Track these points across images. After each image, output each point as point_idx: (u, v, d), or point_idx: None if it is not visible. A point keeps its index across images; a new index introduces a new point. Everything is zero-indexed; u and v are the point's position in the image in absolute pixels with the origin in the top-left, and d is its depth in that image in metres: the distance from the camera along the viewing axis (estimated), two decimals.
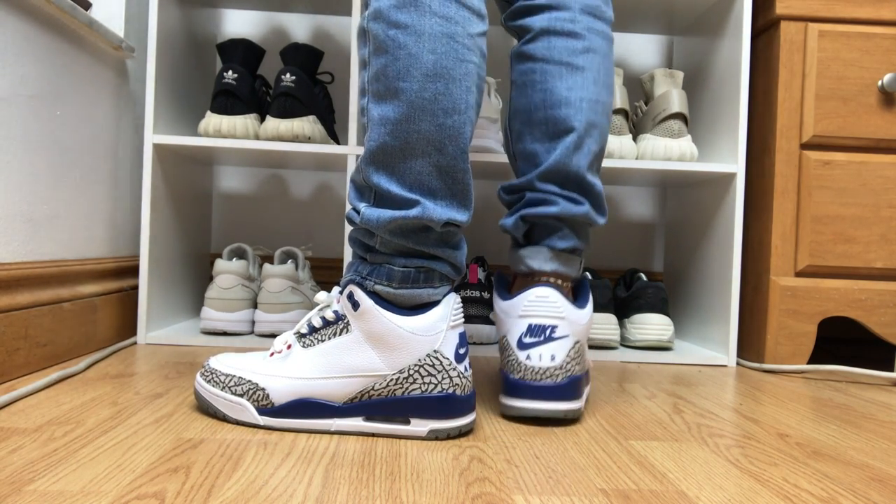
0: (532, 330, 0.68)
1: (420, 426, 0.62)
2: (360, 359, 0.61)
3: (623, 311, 1.18)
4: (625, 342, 1.17)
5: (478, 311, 1.12)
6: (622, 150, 1.10)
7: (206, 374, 0.67)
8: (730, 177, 1.12)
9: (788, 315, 1.07)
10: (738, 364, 1.11)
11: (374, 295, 0.62)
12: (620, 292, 1.23)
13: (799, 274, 1.08)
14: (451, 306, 0.63)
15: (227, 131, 1.08)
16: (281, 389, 0.63)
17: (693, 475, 0.55)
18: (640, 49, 1.47)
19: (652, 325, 1.12)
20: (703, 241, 1.22)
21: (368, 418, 0.62)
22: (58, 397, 0.71)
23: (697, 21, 1.30)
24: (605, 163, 1.09)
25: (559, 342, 0.67)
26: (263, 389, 0.63)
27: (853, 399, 0.88)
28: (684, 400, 0.82)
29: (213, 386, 0.65)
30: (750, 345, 1.13)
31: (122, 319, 1.06)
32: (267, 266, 1.12)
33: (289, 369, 0.63)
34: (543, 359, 0.67)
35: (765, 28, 1.13)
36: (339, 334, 0.62)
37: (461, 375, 0.63)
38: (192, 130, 1.25)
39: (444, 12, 0.60)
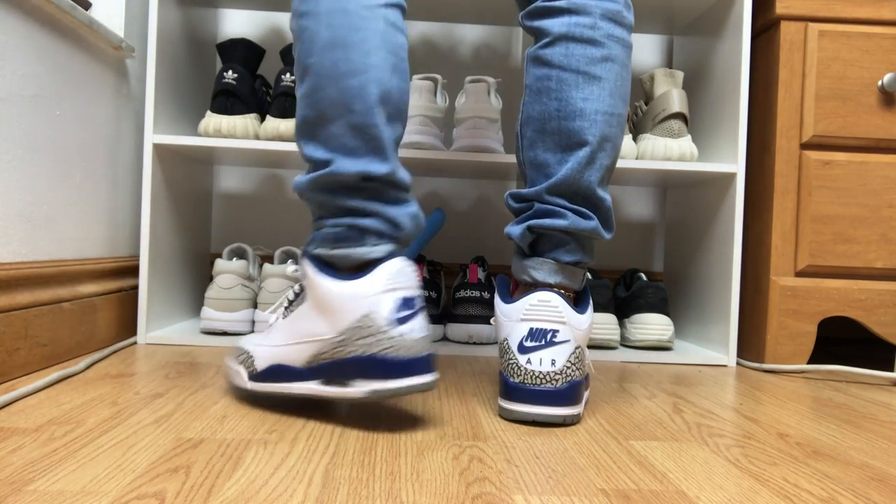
0: (533, 334, 0.68)
1: (361, 387, 0.63)
2: (311, 324, 0.66)
3: (623, 311, 1.18)
4: (625, 342, 1.17)
5: (478, 311, 1.13)
6: (622, 150, 1.10)
7: (236, 349, 0.75)
8: (730, 177, 1.12)
9: (788, 315, 1.07)
10: (738, 364, 1.11)
11: (315, 260, 0.67)
12: (620, 292, 1.23)
13: (799, 274, 1.08)
14: (388, 270, 0.63)
15: (227, 131, 1.08)
16: (262, 356, 0.69)
17: (693, 475, 0.55)
18: (640, 49, 1.47)
19: (652, 325, 1.12)
20: (703, 241, 1.22)
21: (326, 382, 0.65)
22: (58, 397, 0.71)
23: (697, 21, 1.30)
24: None
25: (560, 347, 0.67)
26: (252, 357, 0.71)
27: (853, 399, 0.88)
28: (684, 400, 0.82)
29: (231, 360, 0.75)
30: (750, 345, 1.13)
31: (122, 319, 1.06)
32: (267, 266, 1.12)
33: (269, 338, 0.70)
34: (544, 363, 0.67)
35: (765, 28, 1.13)
36: (301, 303, 0.68)
37: (399, 337, 0.63)
38: (192, 130, 1.25)
39: None
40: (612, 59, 0.70)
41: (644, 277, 1.21)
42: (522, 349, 0.68)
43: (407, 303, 0.64)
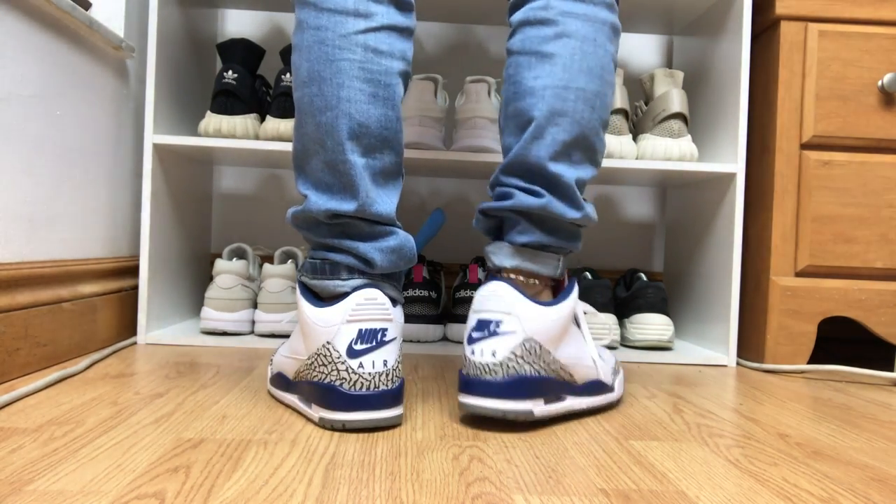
0: (479, 325, 0.66)
1: (316, 412, 0.65)
2: (297, 343, 0.69)
3: (623, 311, 1.18)
4: (625, 342, 1.17)
5: None
6: (622, 150, 1.10)
7: None
8: (730, 177, 1.12)
9: (788, 315, 1.07)
10: (738, 364, 1.11)
11: (301, 284, 0.70)
12: (620, 292, 1.23)
13: (799, 274, 1.08)
14: (354, 301, 0.64)
15: (227, 131, 1.08)
16: (275, 362, 0.75)
17: (693, 475, 0.55)
18: (640, 49, 1.47)
19: (652, 325, 1.12)
20: (703, 241, 1.22)
21: (301, 398, 0.69)
22: (58, 397, 0.71)
23: (697, 21, 1.30)
24: (606, 163, 1.09)
25: (502, 338, 0.65)
26: (272, 361, 0.77)
27: (853, 399, 0.88)
28: (684, 400, 0.82)
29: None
30: (750, 345, 1.13)
31: (122, 319, 1.06)
32: (267, 266, 1.12)
33: (281, 348, 0.75)
34: (485, 354, 0.65)
35: (765, 28, 1.13)
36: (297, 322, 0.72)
37: (350, 370, 0.63)
38: (192, 130, 1.25)
39: (316, 23, 0.65)
40: (568, 34, 0.69)
41: (644, 277, 1.21)
42: (470, 340, 0.67)
43: (367, 335, 0.64)
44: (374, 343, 0.64)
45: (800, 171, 1.08)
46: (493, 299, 0.66)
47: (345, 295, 0.65)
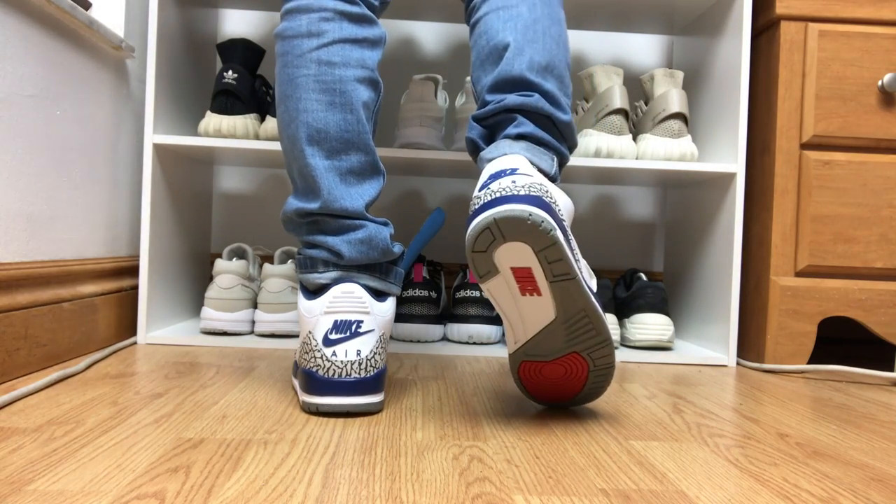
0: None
1: (300, 395, 0.71)
2: (301, 332, 0.74)
3: (623, 311, 1.18)
4: (625, 342, 1.17)
5: (478, 312, 1.13)
6: (622, 150, 1.10)
7: None
8: (730, 177, 1.12)
9: (788, 315, 1.07)
10: (738, 364, 1.11)
11: (300, 280, 0.75)
12: (620, 292, 1.23)
13: (799, 274, 1.08)
14: (332, 294, 0.69)
15: (227, 131, 1.08)
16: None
17: (693, 475, 0.55)
18: (640, 49, 1.47)
19: (652, 325, 1.12)
20: (703, 241, 1.22)
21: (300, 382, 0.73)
22: (58, 397, 0.71)
23: (697, 21, 1.30)
24: (606, 163, 1.09)
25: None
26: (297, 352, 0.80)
27: (853, 399, 0.88)
28: (684, 400, 0.82)
29: None
30: (750, 345, 1.13)
31: (122, 319, 1.06)
32: (267, 266, 1.12)
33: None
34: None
35: (765, 28, 1.14)
36: None
37: (325, 358, 0.68)
38: (192, 130, 1.25)
39: (281, 51, 0.74)
40: (518, 2, 0.75)
41: (644, 277, 1.21)
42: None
43: (342, 326, 0.68)
44: (348, 333, 0.68)
45: (800, 171, 1.08)
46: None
47: (326, 287, 0.70)
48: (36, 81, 0.85)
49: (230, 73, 1.09)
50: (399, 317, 1.12)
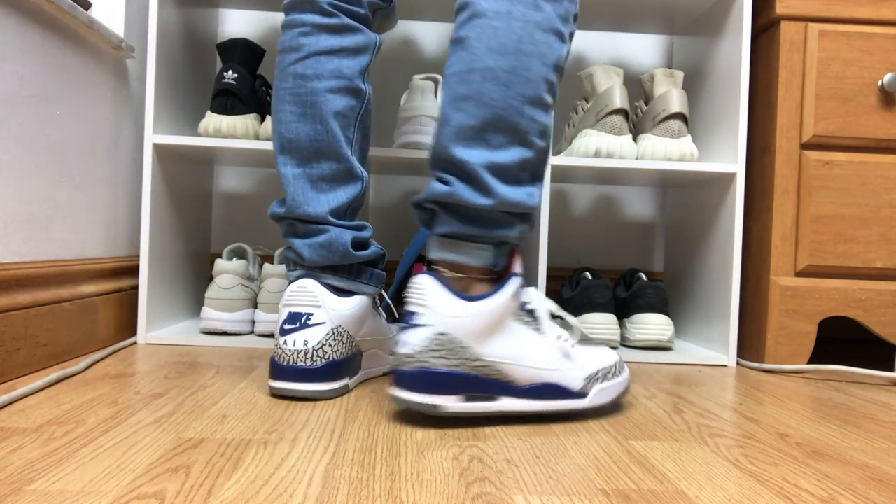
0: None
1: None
2: None
3: (623, 311, 1.18)
4: (625, 342, 1.17)
5: None
6: (622, 150, 1.10)
7: None
8: (730, 177, 1.12)
9: (788, 315, 1.07)
10: (738, 364, 1.11)
11: None
12: (620, 292, 1.23)
13: (799, 274, 1.08)
14: (288, 290, 0.76)
15: (227, 131, 1.08)
16: None
17: (693, 475, 0.55)
18: (640, 49, 1.47)
19: (652, 325, 1.12)
20: (703, 241, 1.22)
21: None
22: (58, 397, 0.71)
23: (697, 21, 1.30)
24: (606, 163, 1.09)
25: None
26: None
27: (853, 399, 0.88)
28: (684, 400, 0.82)
29: None
30: (750, 345, 1.13)
31: (122, 319, 1.06)
32: (267, 266, 1.12)
33: None
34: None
35: (765, 28, 1.13)
36: None
37: (278, 346, 0.75)
38: (192, 130, 1.25)
39: (276, 63, 0.80)
40: (479, 13, 0.67)
41: (644, 277, 1.21)
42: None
43: (293, 317, 0.74)
44: (297, 325, 0.74)
45: (800, 171, 1.08)
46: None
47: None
48: (36, 81, 0.85)
49: (230, 73, 1.09)
50: (401, 315, 1.12)
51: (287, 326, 0.74)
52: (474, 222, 0.68)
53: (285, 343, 0.74)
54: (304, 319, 0.74)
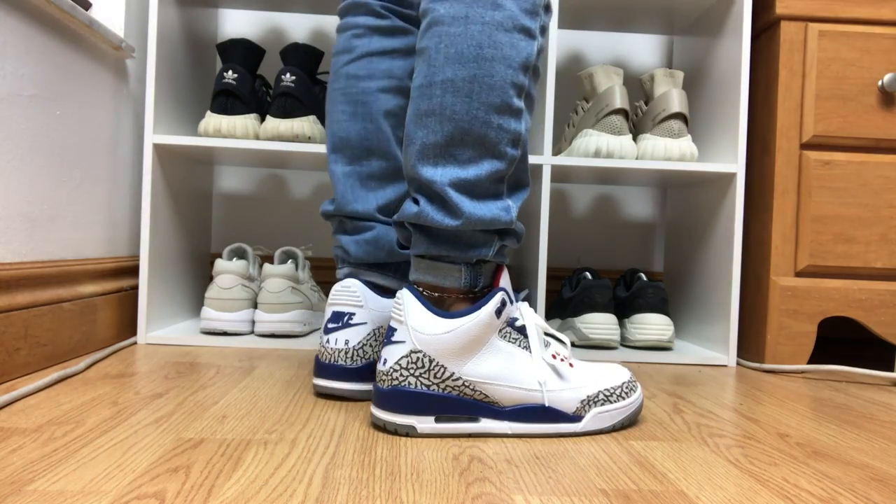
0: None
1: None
2: None
3: (623, 311, 1.18)
4: (625, 342, 1.17)
5: None
6: (622, 150, 1.10)
7: None
8: (730, 177, 1.12)
9: (788, 315, 1.07)
10: (738, 364, 1.11)
11: None
12: (620, 292, 1.23)
13: (799, 274, 1.08)
14: (333, 289, 0.76)
15: (227, 131, 1.08)
16: None
17: (693, 475, 0.55)
18: (640, 49, 1.47)
19: (652, 325, 1.12)
20: (703, 241, 1.22)
21: None
22: (58, 397, 0.71)
23: (697, 21, 1.30)
24: (606, 163, 1.09)
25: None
26: None
27: (853, 399, 0.88)
28: (684, 400, 0.82)
29: None
30: (750, 345, 1.13)
31: (122, 319, 1.06)
32: (267, 266, 1.12)
33: None
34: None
35: (765, 28, 1.13)
36: None
37: (322, 344, 0.76)
38: (192, 130, 1.25)
39: (331, 65, 0.82)
40: (436, 21, 0.63)
41: (644, 277, 1.21)
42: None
43: (336, 317, 0.75)
44: (340, 324, 0.74)
45: (800, 171, 1.08)
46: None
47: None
48: (36, 81, 0.85)
49: (230, 73, 1.09)
50: None
51: (330, 325, 0.75)
52: (446, 242, 0.64)
53: (328, 341, 0.74)
54: (346, 319, 0.74)
